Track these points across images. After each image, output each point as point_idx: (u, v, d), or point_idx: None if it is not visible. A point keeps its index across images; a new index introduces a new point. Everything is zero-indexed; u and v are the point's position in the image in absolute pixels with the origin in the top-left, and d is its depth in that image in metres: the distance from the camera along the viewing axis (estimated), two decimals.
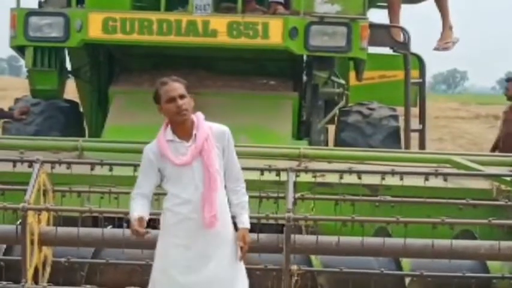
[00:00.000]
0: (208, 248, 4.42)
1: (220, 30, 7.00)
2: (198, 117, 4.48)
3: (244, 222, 4.57)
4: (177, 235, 4.43)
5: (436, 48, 8.88)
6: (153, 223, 4.63)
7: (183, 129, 4.44)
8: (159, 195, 4.66)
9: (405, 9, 8.63)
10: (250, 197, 4.71)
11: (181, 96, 4.39)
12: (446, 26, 8.76)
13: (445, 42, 8.76)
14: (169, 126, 4.46)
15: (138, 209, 4.46)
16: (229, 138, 4.53)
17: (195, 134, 4.42)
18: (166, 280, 4.45)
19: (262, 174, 5.54)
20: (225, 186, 4.56)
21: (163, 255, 4.47)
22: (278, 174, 5.51)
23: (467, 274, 5.32)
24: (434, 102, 29.68)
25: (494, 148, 9.59)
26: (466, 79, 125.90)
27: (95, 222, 5.46)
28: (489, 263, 5.43)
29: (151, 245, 4.63)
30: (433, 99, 32.02)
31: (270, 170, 5.55)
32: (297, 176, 5.40)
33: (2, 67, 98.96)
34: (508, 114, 9.38)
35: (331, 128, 8.82)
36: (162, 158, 4.43)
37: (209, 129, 4.46)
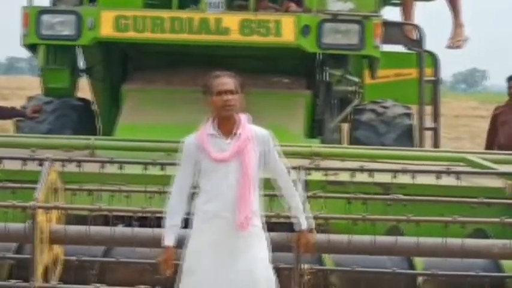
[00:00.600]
0: (236, 249, 4.38)
1: (233, 28, 6.98)
2: (244, 117, 4.47)
3: (302, 224, 4.65)
4: (205, 235, 4.40)
5: (448, 47, 8.84)
6: None
7: (226, 126, 4.41)
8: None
9: (418, 6, 8.60)
10: (260, 195, 4.68)
11: (231, 92, 4.37)
12: (458, 24, 8.71)
13: (457, 40, 8.72)
14: (213, 120, 4.44)
15: (171, 234, 4.43)
16: (272, 141, 4.53)
17: (239, 133, 4.40)
18: (193, 280, 4.40)
19: None
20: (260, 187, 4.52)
21: (191, 255, 4.42)
22: (288, 173, 5.47)
23: (480, 273, 5.27)
24: (455, 101, 29.56)
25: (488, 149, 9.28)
26: (485, 78, 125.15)
27: (106, 220, 5.45)
28: (503, 262, 5.36)
29: None
30: (454, 98, 31.90)
31: None
32: (308, 174, 5.36)
33: (22, 67, 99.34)
34: (507, 113, 9.07)
35: (346, 127, 8.77)
36: (200, 151, 4.40)
37: (251, 131, 4.45)
